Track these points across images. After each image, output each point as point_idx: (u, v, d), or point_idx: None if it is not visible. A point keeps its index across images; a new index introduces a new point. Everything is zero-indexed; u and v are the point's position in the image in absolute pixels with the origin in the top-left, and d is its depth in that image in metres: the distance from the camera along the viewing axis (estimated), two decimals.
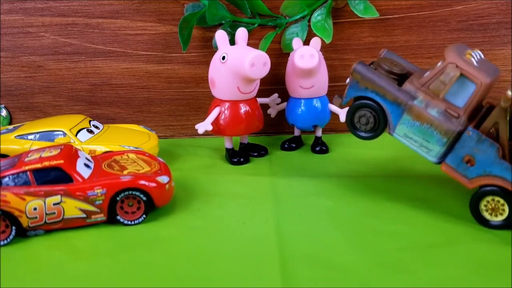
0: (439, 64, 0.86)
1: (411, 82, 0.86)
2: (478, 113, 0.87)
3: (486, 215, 0.83)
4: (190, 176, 1.08)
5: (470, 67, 0.81)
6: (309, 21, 1.25)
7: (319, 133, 1.23)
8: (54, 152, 0.88)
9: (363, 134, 0.91)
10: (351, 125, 0.91)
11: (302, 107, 1.18)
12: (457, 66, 0.81)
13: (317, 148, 1.21)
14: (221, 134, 1.14)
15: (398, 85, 0.87)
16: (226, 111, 1.11)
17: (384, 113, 0.87)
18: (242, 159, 1.15)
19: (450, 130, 0.82)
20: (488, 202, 0.82)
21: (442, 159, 0.84)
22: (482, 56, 0.88)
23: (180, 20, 1.19)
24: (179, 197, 0.97)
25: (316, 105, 1.17)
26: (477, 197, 0.83)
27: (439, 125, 0.82)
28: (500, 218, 0.82)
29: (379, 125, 0.88)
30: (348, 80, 0.92)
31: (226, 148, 1.18)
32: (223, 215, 0.91)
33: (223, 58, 1.06)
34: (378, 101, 0.86)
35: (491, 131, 0.82)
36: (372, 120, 0.88)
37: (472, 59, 0.84)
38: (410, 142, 0.86)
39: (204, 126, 1.08)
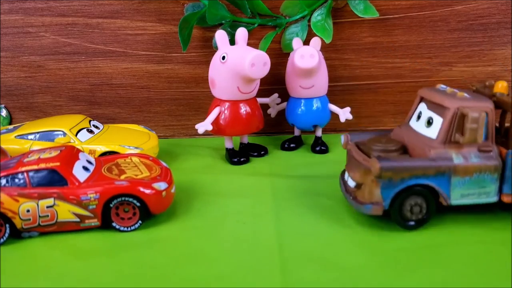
0: (428, 113, 0.85)
1: (431, 147, 0.82)
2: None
3: None
4: (190, 176, 1.08)
5: (471, 102, 0.81)
6: (309, 21, 1.25)
7: (319, 133, 1.23)
8: (54, 153, 0.88)
9: (416, 223, 0.83)
10: (402, 220, 0.82)
11: (302, 107, 1.18)
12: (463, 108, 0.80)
13: (317, 148, 1.21)
14: (221, 134, 1.14)
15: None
16: (226, 111, 1.11)
17: (431, 192, 0.81)
18: (242, 159, 1.15)
19: (497, 165, 0.80)
20: None
21: (500, 193, 0.83)
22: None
23: (180, 20, 1.19)
24: (179, 197, 0.97)
25: (316, 105, 1.17)
26: None
27: (486, 166, 0.80)
28: None
29: (432, 204, 0.82)
30: (353, 181, 0.85)
31: (226, 148, 1.18)
32: (223, 215, 0.90)
33: (223, 58, 1.06)
34: (422, 183, 0.80)
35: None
36: (425, 204, 0.82)
37: (464, 94, 0.84)
38: (469, 199, 0.82)
39: (204, 126, 1.08)
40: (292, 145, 1.24)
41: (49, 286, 0.71)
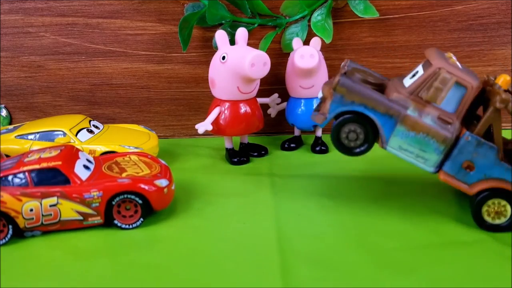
0: (418, 69, 0.84)
1: (397, 91, 0.82)
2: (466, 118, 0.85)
3: (489, 219, 0.82)
4: (190, 176, 1.08)
5: (458, 71, 0.80)
6: (309, 21, 1.25)
7: (319, 133, 1.23)
8: (54, 153, 0.88)
9: (356, 150, 0.84)
10: (338, 143, 0.84)
11: (302, 107, 1.18)
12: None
13: (317, 148, 1.21)
14: (221, 134, 1.14)
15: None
16: (226, 111, 1.11)
17: (374, 127, 0.82)
18: (242, 159, 1.15)
19: (447, 138, 0.79)
20: (489, 206, 0.81)
21: (439, 167, 0.82)
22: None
23: (180, 20, 1.19)
24: (179, 197, 0.97)
25: (316, 105, 1.17)
26: (477, 203, 0.81)
27: (436, 133, 0.79)
28: (503, 220, 0.81)
29: (370, 139, 0.83)
30: (321, 93, 0.88)
31: (226, 148, 1.18)
32: (223, 215, 0.90)
33: (223, 58, 1.06)
34: (368, 115, 0.81)
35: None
36: (362, 135, 0.82)
37: (457, 62, 0.83)
38: (405, 154, 0.82)
39: (204, 126, 1.08)
40: (292, 145, 1.24)
41: (49, 286, 0.71)
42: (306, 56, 1.10)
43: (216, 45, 1.11)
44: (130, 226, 0.86)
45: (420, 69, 0.84)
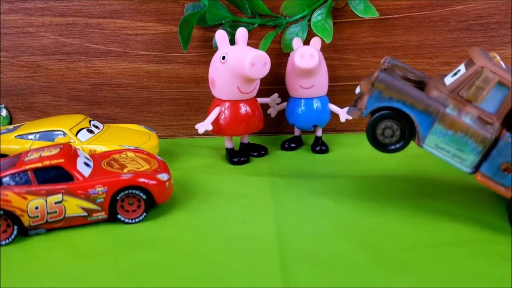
0: (460, 68, 0.82)
1: (438, 89, 0.80)
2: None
3: None
4: (190, 176, 1.08)
5: (502, 71, 0.78)
6: (309, 21, 1.25)
7: (319, 133, 1.23)
8: (54, 151, 0.88)
9: (391, 147, 0.83)
10: (373, 139, 0.83)
11: (302, 107, 1.18)
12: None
13: (317, 148, 1.21)
14: (221, 134, 1.14)
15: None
16: (226, 111, 1.11)
17: (410, 124, 0.80)
18: (242, 159, 1.15)
19: (486, 138, 0.77)
20: None
21: (476, 168, 0.80)
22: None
23: (180, 20, 1.19)
24: (179, 196, 0.97)
25: (316, 105, 1.17)
26: None
27: (475, 133, 0.77)
28: None
29: (406, 136, 0.81)
30: (359, 89, 0.87)
31: (226, 148, 1.18)
32: (223, 215, 0.90)
33: (223, 58, 1.06)
34: (405, 111, 0.79)
35: None
36: (398, 131, 0.81)
37: (501, 62, 0.81)
38: (441, 153, 0.80)
39: (204, 126, 1.08)
40: (292, 145, 1.24)
41: (50, 286, 0.71)
42: (306, 56, 1.10)
43: (216, 45, 1.11)
44: (133, 221, 0.87)
45: (462, 68, 0.83)
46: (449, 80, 0.83)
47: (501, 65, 0.81)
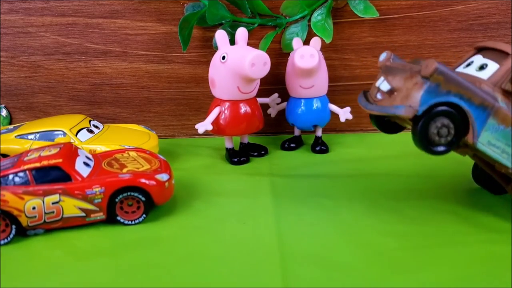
0: (475, 60, 0.78)
1: (484, 83, 0.74)
2: None
3: None
4: (190, 176, 1.08)
5: None
6: (309, 21, 1.25)
7: (319, 133, 1.23)
8: (54, 151, 0.88)
9: (442, 148, 0.74)
10: (425, 139, 0.74)
11: (302, 107, 1.18)
12: None
13: (317, 148, 1.21)
14: (221, 134, 1.14)
15: None
16: (226, 111, 1.11)
17: (464, 121, 0.73)
18: (242, 159, 1.15)
19: None
20: None
21: None
22: None
23: (180, 20, 1.19)
24: (179, 196, 0.97)
25: (316, 105, 1.17)
26: None
27: None
28: None
29: (459, 135, 0.74)
30: (388, 85, 0.78)
31: (226, 148, 1.18)
32: (223, 215, 0.90)
33: (223, 58, 1.06)
34: (462, 106, 0.72)
35: None
36: (453, 130, 0.73)
37: None
38: (492, 150, 0.75)
39: (204, 126, 1.08)
40: (292, 145, 1.24)
41: (50, 286, 0.71)
42: (306, 56, 1.10)
43: (216, 45, 1.11)
44: (133, 222, 0.87)
45: (482, 60, 0.79)
46: (472, 72, 0.79)
47: None
